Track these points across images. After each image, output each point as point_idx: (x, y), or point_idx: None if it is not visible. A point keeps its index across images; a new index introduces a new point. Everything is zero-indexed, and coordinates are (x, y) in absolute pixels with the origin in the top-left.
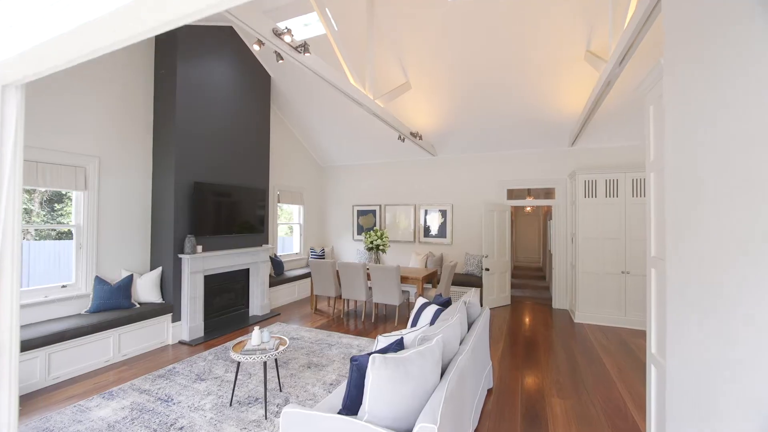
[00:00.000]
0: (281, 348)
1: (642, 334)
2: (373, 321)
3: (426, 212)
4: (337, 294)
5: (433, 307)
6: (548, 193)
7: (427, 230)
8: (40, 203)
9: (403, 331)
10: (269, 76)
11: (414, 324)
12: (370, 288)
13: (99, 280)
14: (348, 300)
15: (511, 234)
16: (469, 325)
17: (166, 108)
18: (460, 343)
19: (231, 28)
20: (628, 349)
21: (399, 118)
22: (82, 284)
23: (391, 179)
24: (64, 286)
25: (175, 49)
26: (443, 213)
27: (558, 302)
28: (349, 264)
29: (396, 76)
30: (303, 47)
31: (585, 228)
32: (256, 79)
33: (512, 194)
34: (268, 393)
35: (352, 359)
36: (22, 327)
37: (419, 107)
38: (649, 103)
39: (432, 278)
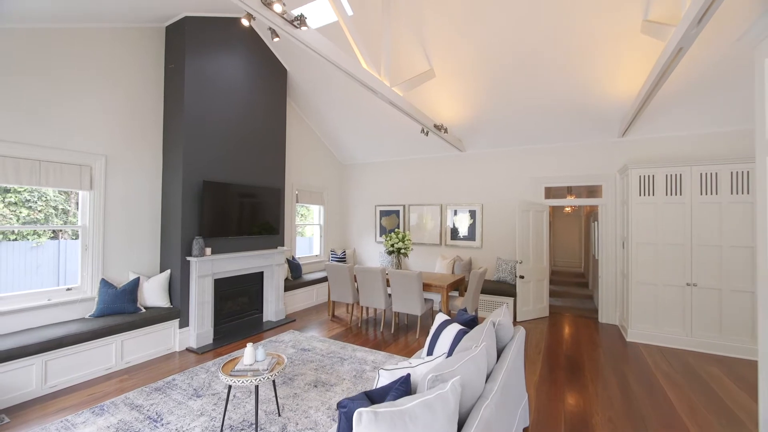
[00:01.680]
0: (278, 368)
1: (713, 360)
2: (392, 331)
3: (453, 213)
4: (355, 300)
5: (455, 327)
6: (592, 191)
7: (454, 232)
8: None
9: (413, 362)
10: (285, 70)
11: (431, 347)
12: (389, 295)
13: (105, 283)
14: (367, 307)
15: (549, 237)
16: (500, 352)
17: (175, 104)
18: (487, 380)
19: (240, 20)
20: (699, 378)
21: (422, 109)
22: (88, 287)
23: (416, 178)
24: (69, 289)
25: (183, 42)
26: (472, 213)
27: (605, 315)
28: (366, 269)
29: (418, 62)
30: (299, 20)
31: (639, 231)
32: (272, 72)
33: (550, 193)
34: (265, 416)
35: (340, 405)
36: (18, 332)
37: (444, 97)
38: (764, 55)
39: (459, 285)
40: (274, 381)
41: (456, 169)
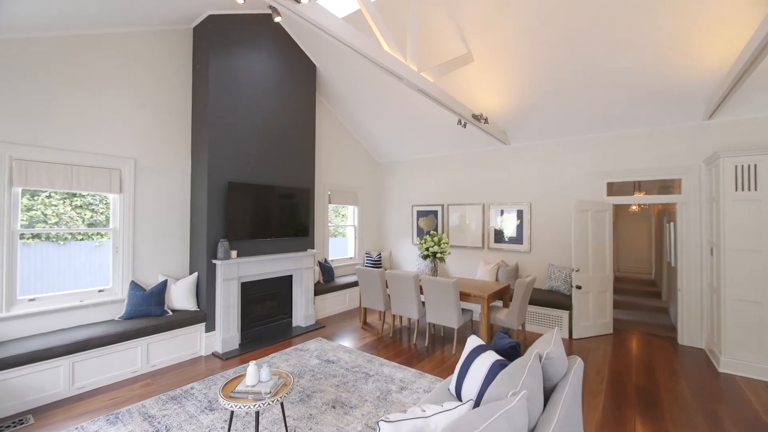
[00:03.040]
0: (283, 391)
1: None
2: (426, 344)
3: (497, 213)
4: (386, 308)
5: (491, 356)
6: (666, 187)
7: (498, 234)
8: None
9: (428, 409)
10: (314, 66)
11: (460, 380)
12: (423, 303)
13: (134, 285)
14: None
15: (612, 241)
16: (548, 393)
17: (202, 105)
18: None
19: (270, 16)
20: None
21: (458, 98)
22: (119, 289)
23: (455, 175)
24: (101, 291)
25: (208, 42)
26: (519, 214)
27: (687, 336)
28: (397, 274)
29: (454, 46)
30: None
31: (736, 235)
32: (300, 69)
33: (613, 189)
34: None
35: None
36: (51, 333)
37: (484, 83)
38: None
39: (503, 295)
40: (282, 404)
41: (499, 164)
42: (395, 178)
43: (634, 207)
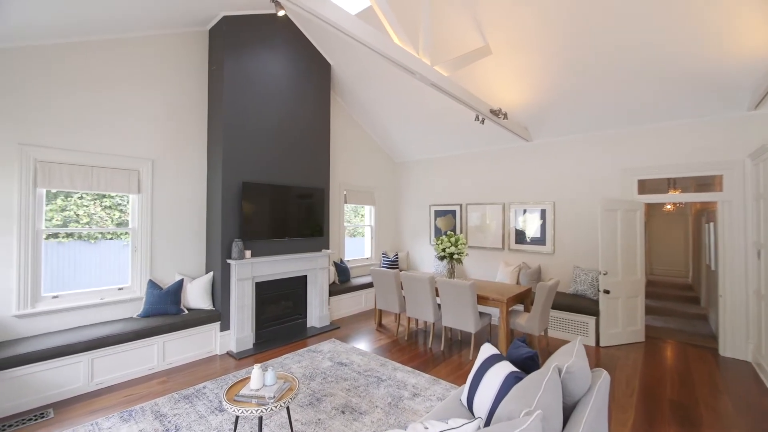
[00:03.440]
0: (288, 396)
1: None
2: (442, 348)
3: (518, 212)
4: (401, 310)
5: (505, 367)
6: (705, 184)
7: (519, 235)
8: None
9: (431, 428)
10: (329, 65)
11: (472, 390)
12: (439, 306)
13: (152, 284)
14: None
15: (644, 242)
16: (569, 411)
17: (217, 105)
18: None
19: (285, 15)
20: None
21: (475, 93)
22: (137, 287)
23: (474, 174)
24: (120, 289)
25: (222, 43)
26: (542, 213)
27: (730, 347)
28: (412, 276)
29: (470, 39)
30: None
31: None
32: (314, 68)
33: (645, 187)
34: None
35: None
36: (69, 330)
37: (503, 77)
38: None
39: (524, 299)
40: (288, 408)
41: (521, 162)
42: (412, 178)
43: (668, 206)
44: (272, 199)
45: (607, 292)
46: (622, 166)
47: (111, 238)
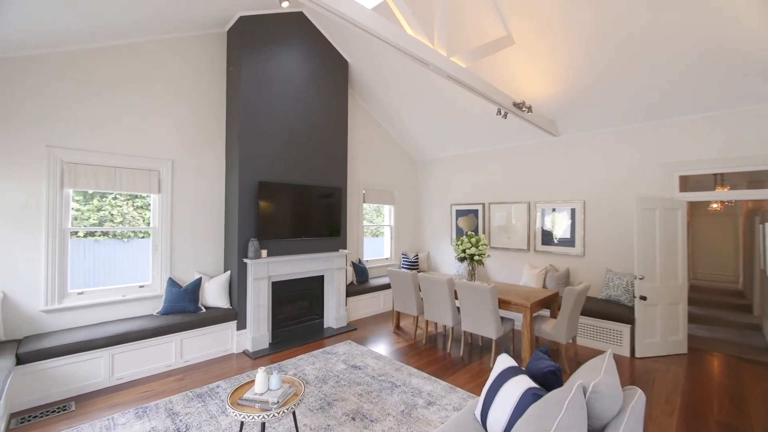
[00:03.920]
0: (293, 401)
1: None
2: (461, 353)
3: (545, 212)
4: (419, 312)
5: (523, 382)
6: (759, 180)
7: (546, 236)
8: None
9: None
10: (346, 62)
11: (485, 408)
12: (459, 309)
13: (171, 282)
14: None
15: (687, 244)
16: None
17: (234, 105)
18: None
19: (301, 13)
20: None
21: (496, 85)
22: (157, 285)
23: (497, 172)
24: (141, 286)
25: (240, 43)
26: (570, 213)
27: None
28: (430, 278)
29: (491, 28)
30: None
31: None
32: (332, 66)
33: (688, 184)
34: None
35: None
36: (92, 325)
37: (527, 67)
38: None
39: (551, 303)
40: (294, 412)
41: (548, 158)
42: (433, 176)
43: (715, 204)
44: (289, 199)
45: (643, 298)
46: (661, 161)
47: (143, 237)
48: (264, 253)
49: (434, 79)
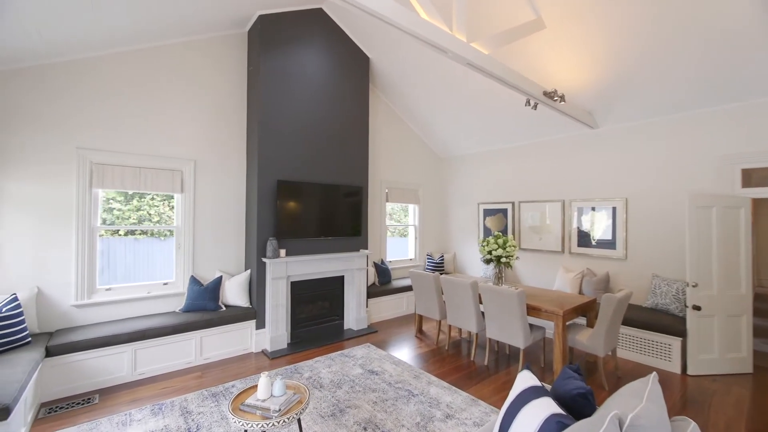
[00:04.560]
0: (296, 409)
1: None
2: (486, 362)
3: (581, 211)
4: (442, 317)
5: (546, 408)
6: None
7: (583, 237)
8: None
9: None
10: (367, 58)
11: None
12: (483, 314)
13: (193, 280)
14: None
15: (751, 247)
16: None
17: (254, 105)
18: None
19: (320, 10)
20: None
21: (524, 73)
22: (180, 283)
23: (527, 168)
24: (165, 284)
25: (259, 42)
26: (611, 212)
27: None
28: (453, 280)
29: (518, 11)
30: None
31: None
32: (352, 62)
33: (751, 178)
34: None
35: None
36: (118, 321)
37: (559, 54)
38: None
39: (587, 311)
40: (299, 419)
41: (585, 152)
42: (459, 174)
43: None
44: (308, 198)
45: (697, 308)
46: (719, 153)
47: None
48: (283, 252)
49: (459, 72)
